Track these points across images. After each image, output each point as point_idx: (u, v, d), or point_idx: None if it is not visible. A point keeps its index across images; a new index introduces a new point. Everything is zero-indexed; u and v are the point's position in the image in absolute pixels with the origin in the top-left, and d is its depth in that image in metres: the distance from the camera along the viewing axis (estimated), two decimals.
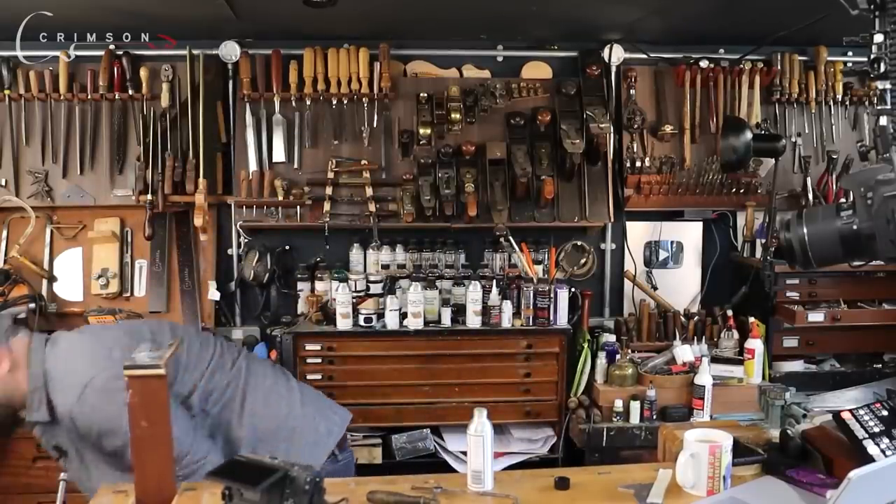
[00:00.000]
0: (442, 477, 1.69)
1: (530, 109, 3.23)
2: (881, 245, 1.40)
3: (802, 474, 1.64)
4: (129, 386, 1.53)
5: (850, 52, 3.32)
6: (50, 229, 3.18)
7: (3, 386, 1.82)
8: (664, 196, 3.27)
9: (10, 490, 2.87)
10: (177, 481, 1.67)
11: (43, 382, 1.82)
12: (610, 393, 2.94)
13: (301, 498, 1.26)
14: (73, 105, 3.10)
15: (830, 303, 3.14)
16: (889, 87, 1.43)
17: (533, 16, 2.85)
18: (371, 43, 3.15)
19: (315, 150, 3.19)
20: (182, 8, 2.65)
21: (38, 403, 1.81)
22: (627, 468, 1.78)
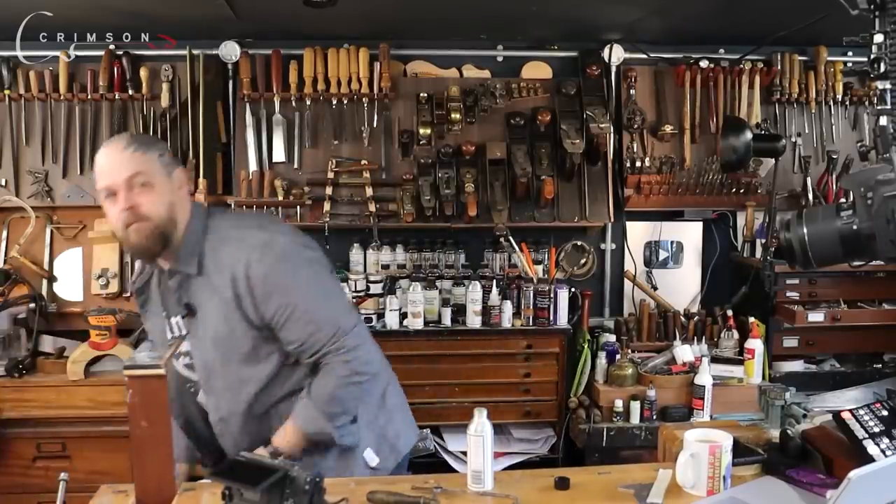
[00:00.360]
0: (442, 477, 1.69)
1: (530, 109, 3.23)
2: (881, 245, 1.40)
3: (802, 474, 1.64)
4: (129, 386, 1.53)
5: (850, 52, 3.32)
6: (50, 229, 3.18)
7: (180, 206, 1.77)
8: (664, 196, 3.27)
9: (10, 490, 2.87)
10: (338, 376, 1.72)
11: (200, 237, 1.77)
12: (610, 393, 2.95)
13: (301, 498, 1.26)
14: (73, 105, 3.10)
15: (830, 303, 3.14)
16: (889, 87, 1.43)
17: (533, 16, 2.85)
18: (371, 43, 3.15)
19: (315, 150, 3.19)
20: (182, 8, 2.65)
21: (191, 254, 1.76)
22: (627, 468, 1.78)
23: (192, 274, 1.77)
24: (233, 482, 1.27)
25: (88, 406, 2.85)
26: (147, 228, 1.73)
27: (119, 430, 2.73)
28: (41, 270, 3.14)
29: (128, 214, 1.72)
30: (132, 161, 1.72)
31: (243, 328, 1.75)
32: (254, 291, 1.72)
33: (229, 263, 1.73)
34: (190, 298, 1.79)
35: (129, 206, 1.71)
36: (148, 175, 1.73)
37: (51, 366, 2.93)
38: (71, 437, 2.88)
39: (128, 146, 1.74)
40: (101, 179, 1.73)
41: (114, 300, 3.14)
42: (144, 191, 1.72)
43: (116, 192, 1.71)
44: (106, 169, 1.73)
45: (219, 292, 1.74)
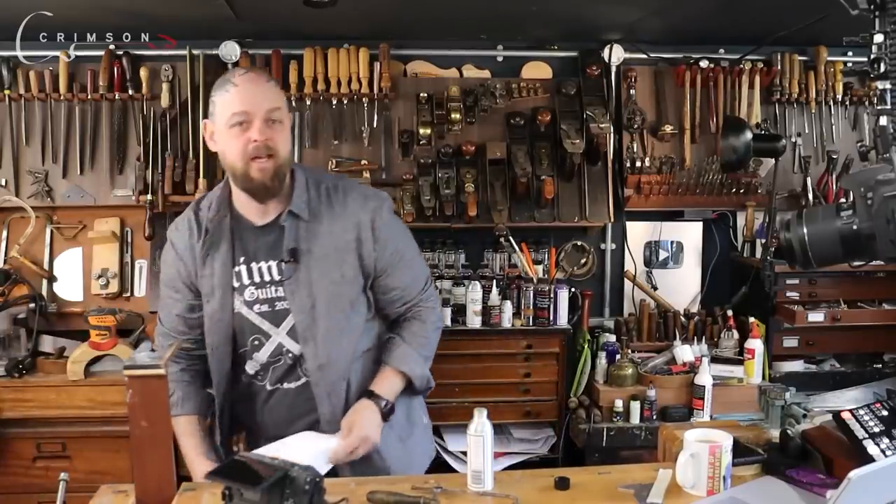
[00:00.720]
0: (442, 477, 1.69)
1: (530, 109, 3.23)
2: (881, 245, 1.40)
3: (802, 474, 1.64)
4: (129, 386, 1.53)
5: (850, 52, 3.32)
6: (50, 229, 3.18)
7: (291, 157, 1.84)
8: (664, 196, 3.27)
9: (10, 490, 2.87)
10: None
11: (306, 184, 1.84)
12: (610, 393, 2.95)
13: (301, 498, 1.26)
14: (73, 105, 3.10)
15: (830, 303, 3.14)
16: (889, 87, 1.43)
17: (533, 16, 2.85)
18: (371, 43, 3.15)
19: (315, 150, 3.19)
20: (182, 8, 2.65)
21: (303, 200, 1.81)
22: (627, 468, 1.78)
23: (303, 219, 1.80)
24: (233, 482, 1.27)
25: (88, 406, 2.85)
26: (272, 166, 1.74)
27: (119, 430, 2.74)
28: (41, 270, 3.14)
29: (258, 147, 1.71)
30: (274, 94, 1.75)
31: (353, 274, 1.83)
32: (376, 235, 1.84)
33: (353, 211, 1.83)
34: (296, 244, 1.79)
35: (265, 138, 1.71)
36: (283, 112, 1.76)
37: (51, 366, 2.93)
38: (71, 437, 2.88)
39: (269, 79, 1.77)
40: (235, 104, 1.71)
41: (114, 300, 3.15)
42: (277, 127, 1.74)
43: (251, 122, 1.71)
44: (248, 96, 1.72)
45: (335, 237, 1.81)
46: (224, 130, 1.74)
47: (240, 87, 1.72)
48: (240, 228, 1.85)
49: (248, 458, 1.35)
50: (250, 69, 1.80)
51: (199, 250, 1.85)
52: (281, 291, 1.82)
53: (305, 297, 1.80)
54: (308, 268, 1.80)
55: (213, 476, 1.30)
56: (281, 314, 1.83)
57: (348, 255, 1.82)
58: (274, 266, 1.82)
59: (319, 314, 1.80)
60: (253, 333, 1.85)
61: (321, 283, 1.80)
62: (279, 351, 1.85)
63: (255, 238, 1.84)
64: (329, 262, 1.81)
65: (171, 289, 1.93)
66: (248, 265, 1.84)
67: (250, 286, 1.83)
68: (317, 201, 1.83)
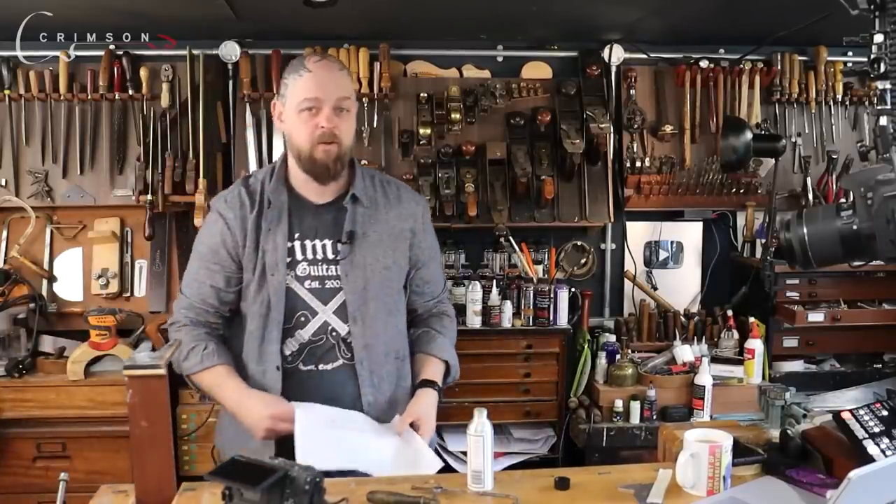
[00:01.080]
0: (442, 477, 1.69)
1: (530, 109, 3.23)
2: (881, 245, 1.40)
3: (802, 474, 1.64)
4: (129, 386, 1.53)
5: (850, 52, 3.32)
6: (50, 229, 3.18)
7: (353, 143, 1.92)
8: (664, 196, 3.27)
9: (10, 490, 2.87)
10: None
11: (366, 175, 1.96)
12: (610, 393, 2.95)
13: (301, 498, 1.26)
14: (73, 105, 3.09)
15: (830, 303, 3.14)
16: (889, 87, 1.43)
17: (533, 16, 2.85)
18: (371, 43, 3.14)
19: None
20: (182, 8, 2.65)
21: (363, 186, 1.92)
22: (627, 468, 1.78)
23: (363, 204, 1.90)
24: (233, 482, 1.27)
25: (88, 406, 2.85)
26: (335, 151, 1.82)
27: (119, 430, 2.74)
28: (41, 270, 3.14)
29: (325, 133, 1.80)
30: (345, 83, 1.84)
31: (404, 262, 1.96)
32: (425, 229, 2.01)
33: (408, 203, 1.98)
34: (353, 227, 1.88)
35: (333, 126, 1.80)
36: (351, 101, 1.86)
37: (51, 366, 2.93)
38: (71, 437, 2.88)
39: (342, 68, 1.86)
40: (308, 90, 1.79)
41: (113, 300, 3.14)
42: (345, 115, 1.83)
43: (320, 108, 1.80)
44: (320, 83, 1.79)
45: (390, 224, 1.93)
46: (294, 113, 1.82)
47: (313, 73, 1.80)
48: (297, 205, 1.91)
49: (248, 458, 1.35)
50: (324, 56, 1.85)
51: (251, 222, 1.89)
52: (333, 270, 1.88)
53: (359, 278, 1.87)
54: (363, 250, 1.88)
55: (213, 476, 1.29)
56: (329, 292, 1.88)
57: (401, 243, 1.94)
58: (329, 245, 1.89)
59: (370, 296, 1.88)
60: (300, 309, 1.88)
61: (374, 266, 1.89)
62: (324, 329, 1.88)
63: (312, 216, 1.90)
64: (382, 247, 1.91)
65: (210, 260, 1.93)
66: (301, 241, 1.89)
67: (303, 262, 1.88)
68: (372, 190, 1.94)
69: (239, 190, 1.94)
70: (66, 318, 3.14)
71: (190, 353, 1.89)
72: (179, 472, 2.79)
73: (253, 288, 1.88)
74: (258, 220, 1.89)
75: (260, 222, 1.88)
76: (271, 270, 1.86)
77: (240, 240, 1.89)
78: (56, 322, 3.13)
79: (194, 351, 1.88)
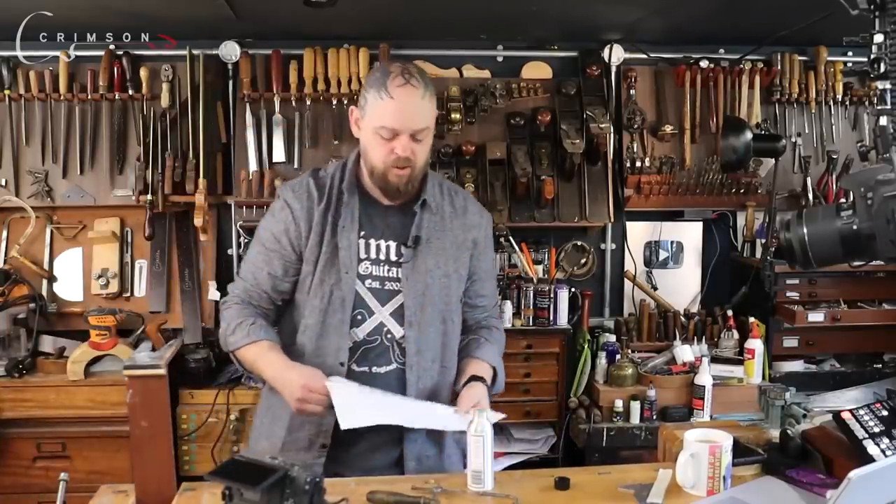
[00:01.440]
0: (442, 477, 1.69)
1: (530, 109, 3.23)
2: (881, 245, 1.40)
3: (802, 474, 1.64)
4: (129, 386, 1.53)
5: (850, 52, 3.32)
6: (50, 229, 3.18)
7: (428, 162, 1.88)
8: (664, 196, 3.27)
9: (10, 490, 2.87)
10: None
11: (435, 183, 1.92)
12: (610, 393, 2.95)
13: (301, 498, 1.26)
14: (73, 105, 3.10)
15: (830, 303, 3.14)
16: (889, 87, 1.43)
17: (533, 16, 2.85)
18: (371, 43, 3.15)
19: (315, 150, 3.19)
20: (182, 8, 2.65)
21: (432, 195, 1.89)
22: (627, 468, 1.78)
23: (432, 210, 1.89)
24: (233, 482, 1.27)
25: (88, 406, 2.85)
26: (408, 175, 1.80)
27: (119, 430, 2.74)
28: (41, 270, 3.14)
29: (398, 159, 1.77)
30: (427, 113, 1.79)
31: (464, 271, 1.92)
32: (486, 243, 1.98)
33: (474, 215, 1.96)
34: (420, 232, 1.86)
35: (407, 155, 1.77)
36: (431, 129, 1.82)
37: (51, 366, 2.93)
38: (71, 437, 2.88)
39: (425, 92, 1.76)
40: (386, 118, 1.75)
41: (113, 300, 3.15)
42: (422, 142, 1.79)
43: (397, 136, 1.75)
44: (400, 113, 1.74)
45: (454, 234, 1.90)
46: (370, 131, 1.78)
47: (395, 101, 1.73)
48: (366, 204, 1.88)
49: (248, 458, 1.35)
50: (410, 78, 1.74)
51: (318, 215, 1.87)
52: (395, 272, 1.86)
53: (419, 283, 1.85)
54: (426, 256, 1.87)
55: (213, 476, 1.29)
56: (388, 294, 1.86)
57: (463, 253, 1.92)
58: (393, 247, 1.87)
59: (428, 301, 1.85)
60: (357, 307, 1.85)
61: (435, 273, 1.87)
62: (378, 330, 1.85)
63: (380, 217, 1.88)
64: (445, 255, 1.89)
65: (271, 247, 1.91)
66: (367, 240, 1.87)
67: (366, 261, 1.86)
68: (440, 198, 1.91)
69: (308, 181, 1.91)
70: (66, 318, 3.14)
71: (237, 327, 1.86)
72: (179, 472, 2.79)
73: (312, 281, 1.85)
74: (325, 214, 1.86)
75: (327, 216, 1.86)
76: (345, 268, 1.84)
77: (303, 231, 1.87)
78: (56, 322, 3.14)
79: (241, 325, 1.86)
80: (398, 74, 1.75)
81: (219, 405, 2.90)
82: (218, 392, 2.92)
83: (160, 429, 1.53)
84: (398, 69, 1.76)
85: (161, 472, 1.54)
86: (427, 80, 1.79)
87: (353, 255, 1.84)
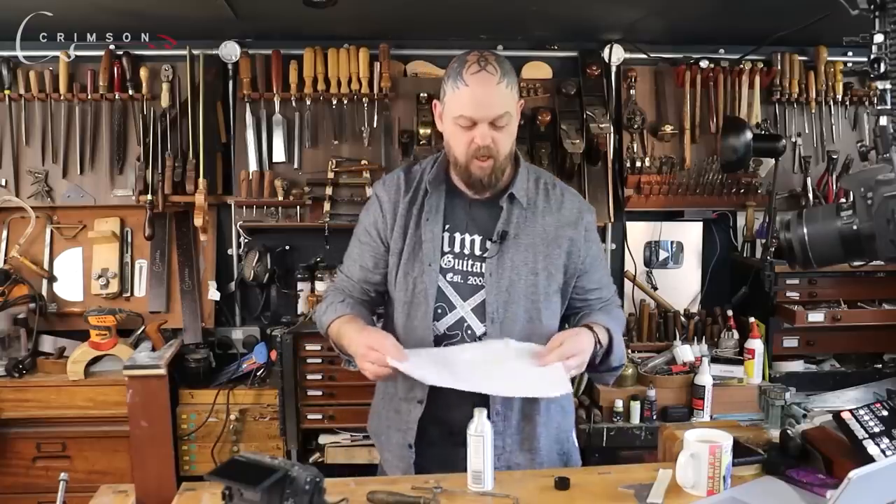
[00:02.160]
0: (442, 477, 1.69)
1: (530, 109, 3.23)
2: (881, 245, 1.40)
3: (802, 474, 1.64)
4: (129, 386, 1.53)
5: (850, 52, 3.32)
6: (50, 229, 3.18)
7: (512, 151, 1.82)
8: (664, 196, 3.27)
9: (10, 490, 2.87)
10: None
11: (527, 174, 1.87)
12: (610, 393, 2.94)
13: (301, 498, 1.26)
14: (73, 105, 3.10)
15: (830, 303, 3.14)
16: (889, 87, 1.43)
17: (533, 16, 2.85)
18: (371, 43, 3.15)
19: (315, 150, 3.19)
20: (182, 8, 2.65)
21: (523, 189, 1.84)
22: (627, 468, 1.78)
23: (521, 205, 1.83)
24: (233, 482, 1.27)
25: (88, 406, 2.85)
26: (490, 166, 1.76)
27: (119, 430, 2.73)
28: (41, 270, 3.14)
29: (479, 149, 1.73)
30: (505, 99, 1.73)
31: (554, 269, 1.84)
32: (587, 237, 1.89)
33: (570, 209, 1.87)
34: (506, 227, 1.81)
35: (487, 143, 1.73)
36: (510, 115, 1.75)
37: (51, 366, 2.94)
38: (71, 437, 2.88)
39: (501, 78, 1.73)
40: (463, 107, 1.72)
41: (113, 300, 3.15)
42: (503, 130, 1.74)
43: (476, 124, 1.72)
44: (476, 101, 1.71)
45: (546, 230, 1.83)
46: (450, 122, 1.76)
47: (471, 88, 1.71)
48: (451, 197, 1.86)
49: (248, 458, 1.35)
50: (486, 65, 1.72)
51: (402, 207, 1.86)
52: (478, 267, 1.82)
53: (503, 279, 1.81)
54: (512, 252, 1.82)
55: (213, 476, 1.29)
56: (470, 289, 1.82)
57: (554, 249, 1.84)
58: (478, 241, 1.83)
59: (512, 298, 1.81)
60: (438, 301, 1.83)
61: (521, 269, 1.81)
62: (459, 325, 1.83)
63: (465, 210, 1.85)
64: (533, 251, 1.83)
65: (364, 239, 1.92)
66: (451, 233, 1.85)
67: (449, 254, 1.83)
68: (534, 192, 1.86)
69: (399, 175, 1.91)
70: (66, 318, 3.14)
71: (328, 308, 1.88)
72: (179, 472, 2.79)
73: (398, 274, 1.85)
74: (410, 205, 1.85)
75: (412, 208, 1.85)
76: (428, 260, 1.82)
77: (389, 222, 1.87)
78: (56, 322, 3.14)
79: (332, 306, 1.88)
80: (474, 62, 1.73)
81: (219, 405, 2.90)
82: (218, 392, 2.92)
83: (160, 429, 1.54)
84: (475, 57, 1.73)
85: (161, 472, 1.55)
86: (506, 67, 1.76)
87: (437, 248, 1.82)
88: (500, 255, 1.81)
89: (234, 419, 2.91)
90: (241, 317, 3.32)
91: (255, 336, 3.26)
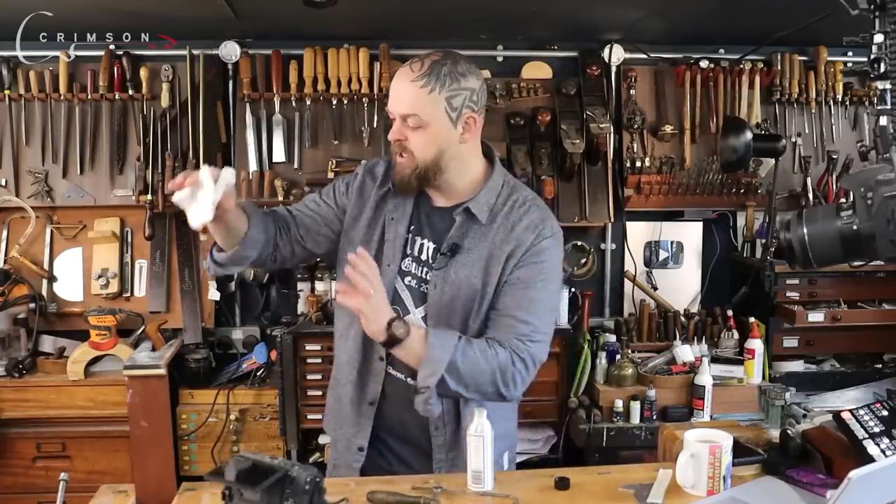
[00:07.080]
0: (442, 477, 1.69)
1: (530, 109, 3.23)
2: (881, 245, 1.40)
3: (802, 474, 1.64)
4: (129, 386, 1.53)
5: (850, 52, 3.32)
6: (50, 229, 3.18)
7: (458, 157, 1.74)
8: (664, 196, 3.27)
9: (10, 490, 2.87)
10: None
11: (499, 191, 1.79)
12: (610, 393, 2.94)
13: (301, 498, 1.26)
14: (73, 105, 3.10)
15: (830, 303, 3.14)
16: (889, 87, 1.43)
17: (533, 16, 2.85)
18: (371, 43, 3.15)
19: (315, 150, 3.19)
20: (182, 8, 2.65)
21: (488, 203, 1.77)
22: (627, 468, 1.78)
23: (477, 220, 1.77)
24: (233, 482, 1.27)
25: (88, 406, 2.86)
26: (407, 166, 1.73)
27: (119, 430, 2.74)
28: (41, 270, 3.14)
29: (393, 144, 1.74)
30: (413, 99, 1.69)
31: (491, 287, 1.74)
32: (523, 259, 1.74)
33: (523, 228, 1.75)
34: (456, 240, 1.77)
35: (397, 139, 1.72)
36: (423, 118, 1.69)
37: (51, 366, 2.94)
38: (71, 437, 2.88)
39: (420, 79, 1.69)
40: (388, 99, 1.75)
41: (113, 300, 3.14)
42: (416, 131, 1.71)
43: (394, 119, 1.73)
44: (392, 93, 1.73)
45: (494, 245, 1.75)
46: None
47: (393, 82, 1.73)
48: (419, 201, 1.84)
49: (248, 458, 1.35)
50: (415, 63, 1.71)
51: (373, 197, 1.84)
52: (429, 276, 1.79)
53: (447, 293, 1.77)
54: (459, 266, 1.77)
55: (213, 476, 1.29)
56: (422, 296, 1.80)
57: (495, 266, 1.75)
58: (432, 249, 1.81)
59: (454, 311, 1.77)
60: (394, 303, 1.77)
61: (465, 284, 1.76)
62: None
63: (427, 215, 1.83)
64: (479, 266, 1.76)
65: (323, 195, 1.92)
66: (413, 237, 1.82)
67: (409, 257, 1.81)
68: (499, 208, 1.79)
69: (383, 163, 1.88)
70: (66, 318, 3.14)
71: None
72: (179, 472, 2.80)
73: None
74: (381, 200, 1.84)
75: (381, 204, 1.83)
76: (388, 261, 1.80)
77: (349, 202, 1.86)
78: (56, 322, 3.14)
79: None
80: (416, 58, 1.73)
81: (219, 405, 2.90)
82: (218, 392, 2.92)
83: (160, 429, 1.54)
84: (421, 56, 1.73)
85: (161, 472, 1.54)
86: (439, 72, 1.70)
87: (397, 249, 1.80)
88: (447, 268, 1.77)
89: (234, 419, 2.92)
90: (241, 317, 3.32)
91: (255, 336, 3.26)
